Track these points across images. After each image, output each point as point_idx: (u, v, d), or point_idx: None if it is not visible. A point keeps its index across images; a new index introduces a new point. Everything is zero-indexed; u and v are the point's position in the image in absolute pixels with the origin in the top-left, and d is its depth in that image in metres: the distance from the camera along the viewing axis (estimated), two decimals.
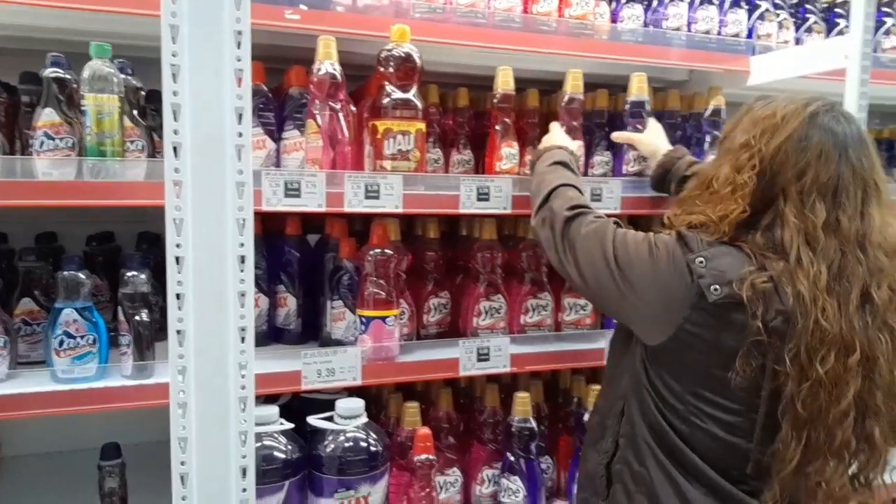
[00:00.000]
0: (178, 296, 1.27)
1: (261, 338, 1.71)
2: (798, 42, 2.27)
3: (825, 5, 2.37)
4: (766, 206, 1.21)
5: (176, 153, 1.25)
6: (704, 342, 1.20)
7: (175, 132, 1.25)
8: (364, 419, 1.62)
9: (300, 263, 1.83)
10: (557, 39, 1.83)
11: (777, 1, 2.25)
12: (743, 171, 1.20)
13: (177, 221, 1.26)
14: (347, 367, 1.58)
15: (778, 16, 2.21)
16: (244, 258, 1.31)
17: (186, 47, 1.24)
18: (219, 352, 1.31)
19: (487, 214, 1.77)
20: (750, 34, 2.15)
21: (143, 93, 1.71)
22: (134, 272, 1.50)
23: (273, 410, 1.56)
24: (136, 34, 1.54)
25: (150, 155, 1.59)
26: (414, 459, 1.62)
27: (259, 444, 1.46)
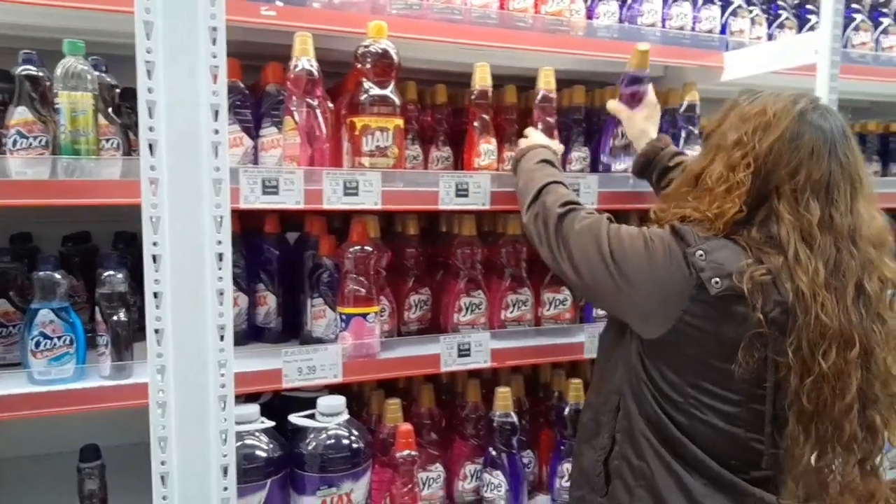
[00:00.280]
0: (156, 294, 1.26)
1: (241, 336, 1.70)
2: (770, 38, 2.30)
3: (796, 1, 2.41)
4: (760, 204, 1.22)
5: (151, 151, 1.24)
6: (705, 334, 1.21)
7: (150, 129, 1.24)
8: (346, 416, 1.62)
9: (279, 261, 1.82)
10: (533, 36, 1.84)
11: None
12: (738, 170, 1.21)
13: (153, 220, 1.25)
14: (328, 365, 1.58)
15: (751, 12, 2.25)
16: (222, 256, 1.30)
17: (161, 44, 1.23)
18: (198, 350, 1.30)
19: (467, 210, 1.77)
20: (723, 30, 2.19)
21: (118, 90, 1.69)
22: (111, 272, 1.48)
23: (254, 409, 1.55)
24: (110, 31, 1.52)
25: (126, 153, 1.58)
26: (396, 456, 1.62)
27: (240, 443, 1.45)
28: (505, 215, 1.93)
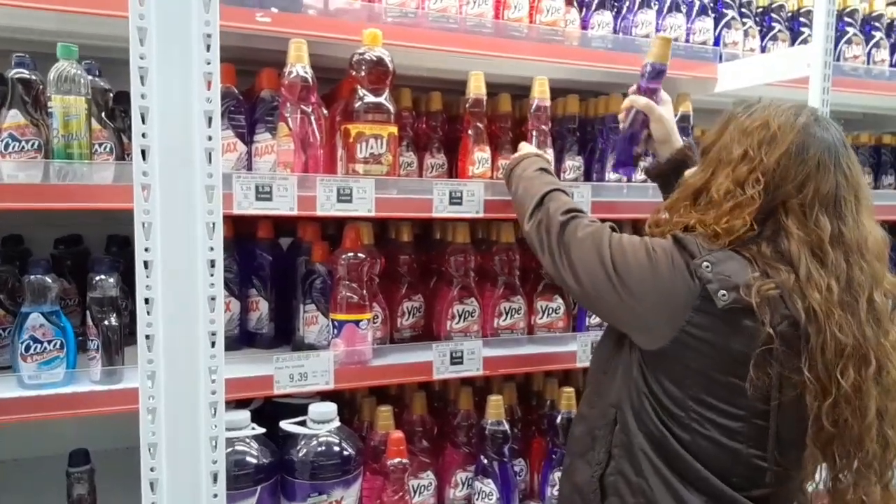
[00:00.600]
0: (148, 300, 1.26)
1: (233, 342, 1.70)
2: (764, 50, 2.32)
3: (790, 14, 2.42)
4: (765, 219, 1.20)
5: (144, 156, 1.24)
6: (709, 346, 1.18)
7: (143, 135, 1.24)
8: (337, 423, 1.61)
9: (272, 267, 1.82)
10: (528, 45, 1.84)
11: (743, 10, 2.30)
12: (747, 186, 1.19)
13: (146, 225, 1.25)
14: (320, 371, 1.57)
15: (744, 24, 2.26)
16: (214, 262, 1.30)
17: (154, 50, 1.23)
18: (189, 356, 1.30)
19: (460, 218, 1.78)
20: (717, 42, 2.20)
21: (112, 94, 1.69)
22: (102, 276, 1.48)
23: (244, 415, 1.55)
24: (104, 35, 1.53)
25: (119, 157, 1.58)
26: (387, 463, 1.62)
27: (230, 450, 1.45)
28: (499, 223, 1.93)
